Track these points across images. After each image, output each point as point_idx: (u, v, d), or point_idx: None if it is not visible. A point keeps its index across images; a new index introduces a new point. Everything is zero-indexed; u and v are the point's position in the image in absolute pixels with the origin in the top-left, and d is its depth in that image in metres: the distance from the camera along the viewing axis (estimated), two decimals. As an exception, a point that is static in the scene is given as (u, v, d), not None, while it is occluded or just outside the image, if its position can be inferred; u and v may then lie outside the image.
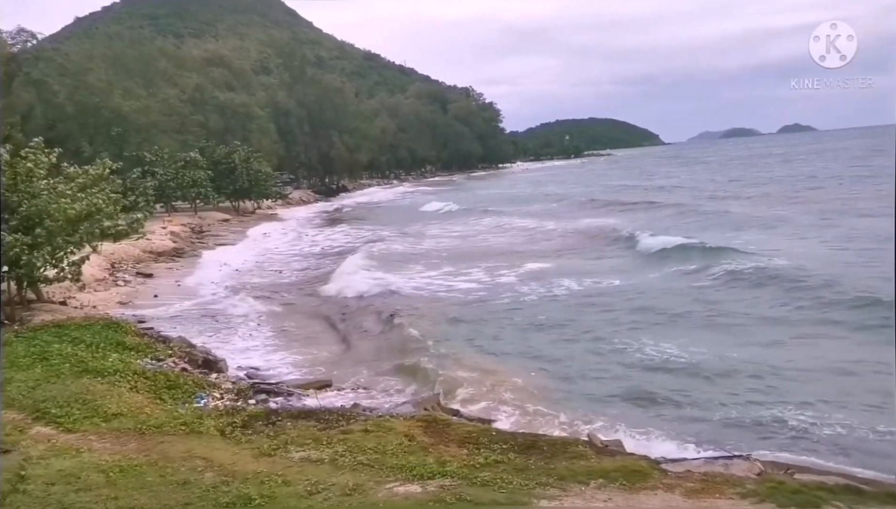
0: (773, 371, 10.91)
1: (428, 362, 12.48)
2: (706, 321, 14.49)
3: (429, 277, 21.94)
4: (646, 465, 6.42)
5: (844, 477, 6.12)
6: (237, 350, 14.57)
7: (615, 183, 70.40)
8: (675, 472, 6.26)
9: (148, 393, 9.95)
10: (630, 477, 6.11)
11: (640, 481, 6.02)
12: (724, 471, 6.35)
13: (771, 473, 6.44)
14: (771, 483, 5.85)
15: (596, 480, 6.14)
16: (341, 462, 7.16)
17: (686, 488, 5.85)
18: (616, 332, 13.78)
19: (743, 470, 6.58)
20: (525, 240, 30.92)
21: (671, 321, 14.51)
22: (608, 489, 5.97)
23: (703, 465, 6.67)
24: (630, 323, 14.54)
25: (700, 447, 8.36)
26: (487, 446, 7.29)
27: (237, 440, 8.00)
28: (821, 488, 5.62)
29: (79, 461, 7.21)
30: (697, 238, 23.88)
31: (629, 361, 11.99)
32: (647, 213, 37.52)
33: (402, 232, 36.67)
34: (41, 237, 13.83)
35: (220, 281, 22.96)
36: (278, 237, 38.67)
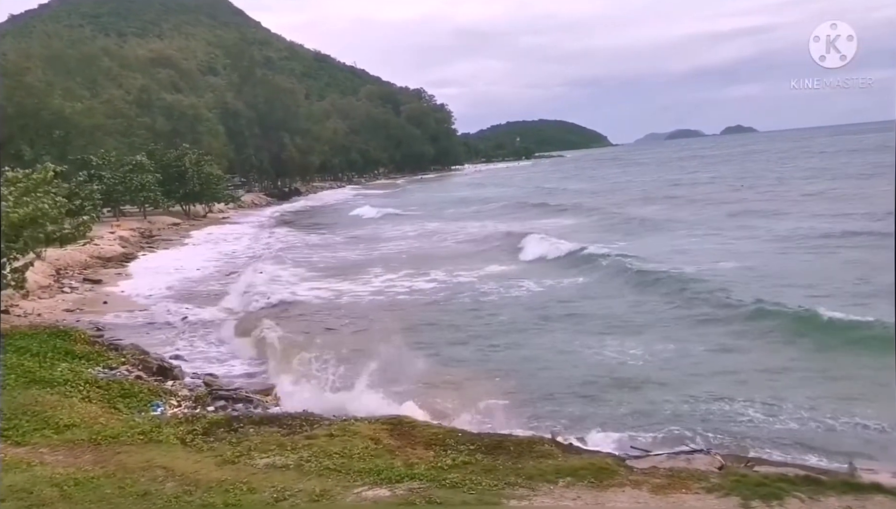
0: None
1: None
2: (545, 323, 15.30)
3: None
4: (612, 463, 6.52)
5: (802, 469, 6.35)
6: (191, 356, 14.18)
7: (551, 185, 71.74)
8: (641, 469, 6.39)
9: (101, 402, 9.61)
10: (597, 474, 6.20)
11: (607, 478, 6.12)
12: (687, 466, 6.51)
13: (732, 466, 6.63)
14: (734, 476, 6.02)
15: (564, 479, 6.21)
16: (307, 467, 7.06)
17: (653, 484, 5.97)
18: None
19: (705, 464, 6.75)
20: (429, 245, 31.67)
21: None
22: (577, 487, 6.04)
23: (667, 461, 6.82)
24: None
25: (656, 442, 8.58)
26: (454, 447, 7.30)
27: (198, 448, 7.80)
28: (782, 480, 5.80)
29: (30, 475, 6.90)
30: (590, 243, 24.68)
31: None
32: (558, 219, 38.72)
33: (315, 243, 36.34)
34: (-20, 243, 13.23)
35: (169, 286, 22.40)
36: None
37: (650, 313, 15.53)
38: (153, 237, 38.38)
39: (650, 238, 27.99)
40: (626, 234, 29.23)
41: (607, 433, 8.85)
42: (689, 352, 12.42)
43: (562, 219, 37.81)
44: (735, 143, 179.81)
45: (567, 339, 13.71)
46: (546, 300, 17.64)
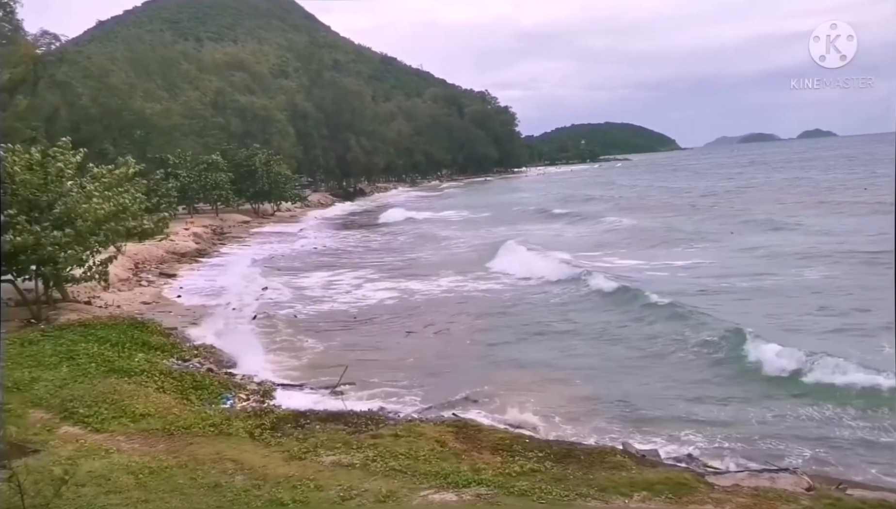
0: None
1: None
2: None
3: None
4: (690, 478, 6.19)
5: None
6: (259, 352, 14.43)
7: (582, 192, 67.87)
8: (722, 486, 6.03)
9: (175, 393, 9.88)
10: (676, 490, 5.89)
11: (686, 494, 5.80)
12: (772, 486, 6.11)
13: (822, 488, 6.19)
14: (827, 499, 5.60)
15: (639, 492, 5.93)
16: (373, 467, 7.01)
17: (737, 503, 5.62)
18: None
19: (791, 484, 6.34)
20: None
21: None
22: (654, 502, 5.75)
23: (749, 478, 6.43)
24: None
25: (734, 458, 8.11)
26: (522, 454, 7.11)
27: (266, 442, 7.88)
28: (883, 505, 5.36)
29: (108, 462, 7.12)
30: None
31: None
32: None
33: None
34: (70, 237, 13.85)
35: (239, 282, 22.96)
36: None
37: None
38: (224, 234, 39.62)
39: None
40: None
41: (680, 445, 8.47)
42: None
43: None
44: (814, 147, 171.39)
45: (640, 346, 13.26)
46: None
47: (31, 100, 31.24)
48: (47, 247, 13.42)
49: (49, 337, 12.30)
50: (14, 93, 29.49)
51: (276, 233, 41.93)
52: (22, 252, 13.46)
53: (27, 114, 29.44)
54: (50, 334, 12.53)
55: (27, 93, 31.58)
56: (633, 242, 28.87)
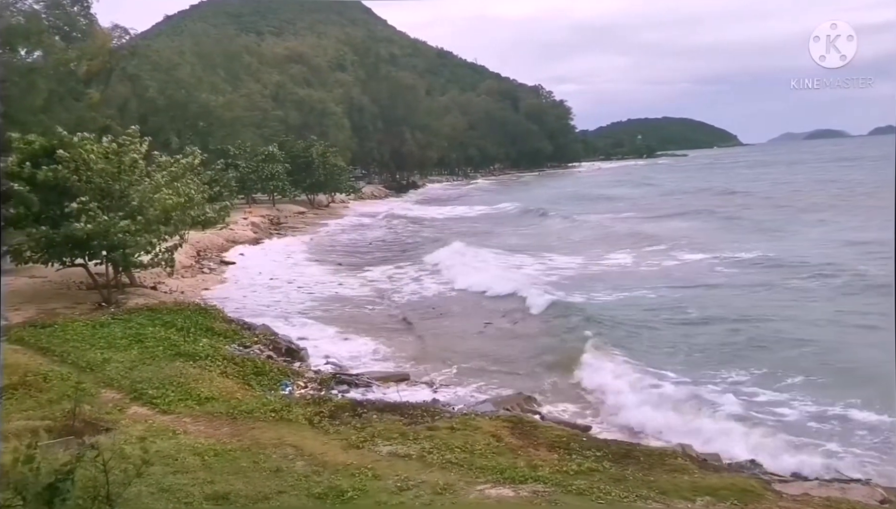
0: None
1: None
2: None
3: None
4: (756, 484, 6.02)
5: None
6: (317, 340, 14.72)
7: (604, 191, 63.10)
8: (791, 494, 5.84)
9: (237, 378, 10.17)
10: (741, 496, 5.73)
11: (753, 502, 5.64)
12: (844, 496, 5.89)
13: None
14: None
15: (702, 497, 5.79)
16: (430, 459, 7.06)
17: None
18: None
19: (863, 495, 6.10)
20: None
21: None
22: (717, 508, 5.61)
23: (819, 488, 6.20)
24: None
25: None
26: (579, 452, 7.04)
27: (325, 430, 8.03)
28: (966, 523, 5.09)
29: (175, 442, 7.38)
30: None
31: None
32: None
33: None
34: (140, 225, 14.39)
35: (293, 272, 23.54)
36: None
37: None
38: (280, 224, 40.51)
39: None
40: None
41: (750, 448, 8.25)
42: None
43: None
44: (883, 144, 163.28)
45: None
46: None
47: (105, 91, 32.53)
48: (118, 234, 13.97)
49: (119, 320, 12.82)
50: (88, 84, 30.78)
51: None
52: (94, 238, 14.07)
53: (100, 105, 30.69)
54: (119, 317, 13.05)
55: (101, 84, 32.91)
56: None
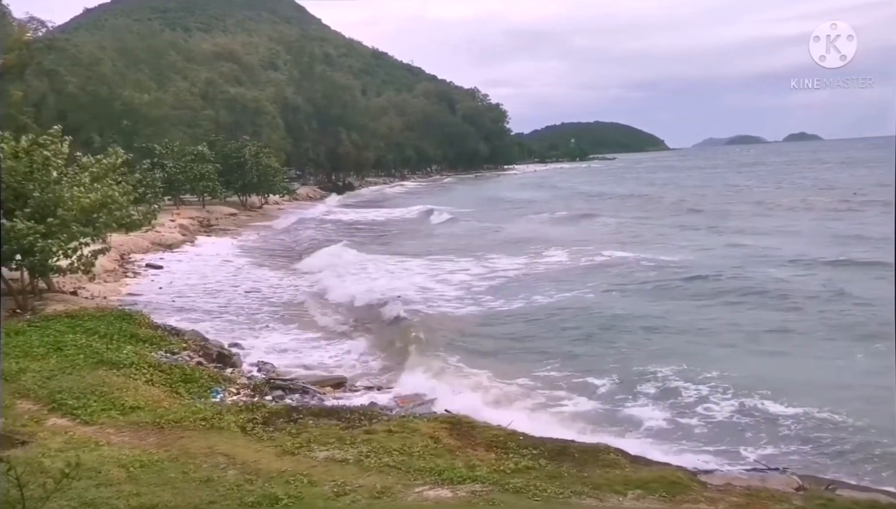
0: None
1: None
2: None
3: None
4: (684, 477, 6.23)
5: (891, 497, 5.93)
6: (249, 344, 14.38)
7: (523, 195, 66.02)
8: (715, 485, 6.07)
9: (164, 386, 9.78)
10: (670, 489, 5.91)
11: (680, 493, 5.83)
12: (764, 485, 6.17)
13: (811, 488, 6.25)
14: (818, 500, 5.66)
15: (633, 491, 5.95)
16: (367, 463, 6.98)
17: (730, 502, 5.66)
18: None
19: (781, 484, 6.40)
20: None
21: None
22: (647, 500, 5.78)
23: (741, 477, 6.48)
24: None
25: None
26: (516, 451, 7.10)
27: (259, 437, 7.83)
28: (873, 507, 5.42)
29: (98, 454, 7.04)
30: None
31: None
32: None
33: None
34: (55, 226, 13.66)
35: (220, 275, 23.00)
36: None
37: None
38: (211, 226, 39.36)
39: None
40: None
41: (672, 444, 8.56)
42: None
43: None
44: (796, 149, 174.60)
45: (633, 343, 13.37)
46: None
47: (21, 87, 30.82)
48: (27, 236, 13.23)
49: (35, 327, 12.13)
50: (1, 79, 29.09)
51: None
52: (5, 242, 13.27)
53: (20, 102, 29.07)
54: (36, 325, 12.35)
55: (13, 79, 31.15)
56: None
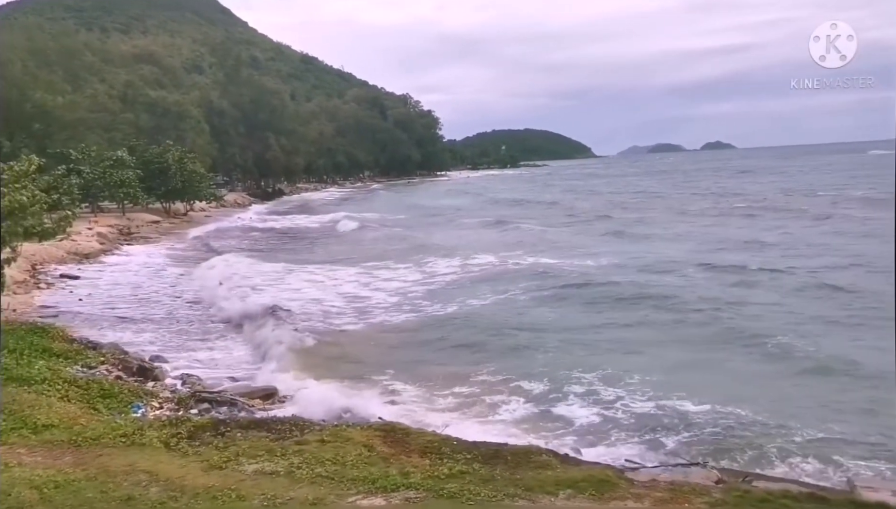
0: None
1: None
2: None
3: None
4: (612, 474, 6.39)
5: (803, 486, 6.27)
6: (173, 357, 13.84)
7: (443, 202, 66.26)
8: (641, 482, 6.26)
9: (81, 402, 9.31)
10: (598, 487, 6.06)
11: (608, 491, 5.98)
12: (686, 480, 6.40)
13: (730, 481, 6.53)
14: (736, 491, 5.91)
15: (564, 490, 6.07)
16: (298, 474, 6.84)
17: (655, 498, 5.85)
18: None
19: (702, 477, 6.65)
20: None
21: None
22: (578, 499, 5.91)
23: (665, 473, 6.71)
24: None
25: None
26: (450, 456, 7.11)
27: (183, 452, 7.54)
28: (786, 496, 5.70)
29: (8, 476, 6.61)
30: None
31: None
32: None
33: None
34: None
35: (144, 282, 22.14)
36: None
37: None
38: (132, 234, 37.75)
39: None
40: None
41: (600, 444, 8.80)
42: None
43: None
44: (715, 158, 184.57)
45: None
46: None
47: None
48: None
49: (-64, 344, 11.31)
50: None
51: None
52: None
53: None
54: (-63, 341, 11.52)
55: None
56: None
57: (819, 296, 16.89)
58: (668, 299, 16.92)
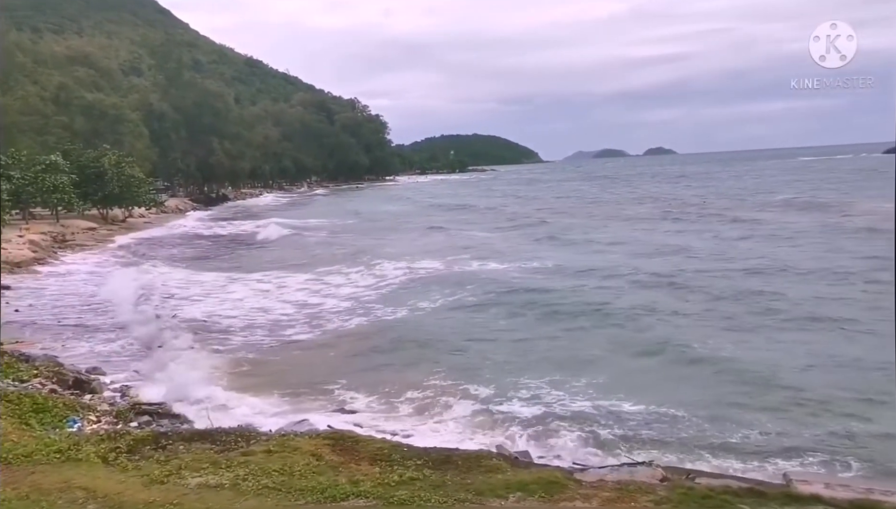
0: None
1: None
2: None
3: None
4: (561, 476, 6.46)
5: (743, 481, 6.48)
6: (111, 369, 13.34)
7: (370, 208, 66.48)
8: (589, 482, 6.35)
9: (12, 418, 8.85)
10: (548, 488, 6.12)
11: (557, 492, 6.05)
12: (632, 479, 6.52)
13: (674, 478, 6.69)
14: (680, 489, 6.06)
15: (514, 493, 6.10)
16: (244, 486, 6.66)
17: (602, 497, 5.94)
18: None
19: (647, 476, 6.78)
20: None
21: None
22: (528, 502, 5.95)
23: (612, 473, 6.82)
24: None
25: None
26: (401, 463, 7.06)
27: (123, 467, 7.26)
28: (727, 492, 5.89)
29: (-71, 500, 6.23)
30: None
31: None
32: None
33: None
34: None
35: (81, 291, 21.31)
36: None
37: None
38: (67, 242, 36.27)
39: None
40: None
41: (549, 445, 8.91)
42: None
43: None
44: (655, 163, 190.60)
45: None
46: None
47: None
48: None
49: None
50: None
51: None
52: None
53: None
54: None
55: None
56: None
57: (739, 300, 17.42)
58: (600, 304, 17.38)
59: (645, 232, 35.33)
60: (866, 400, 9.98)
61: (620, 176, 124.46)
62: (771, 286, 18.68)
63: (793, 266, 21.51)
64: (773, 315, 15.70)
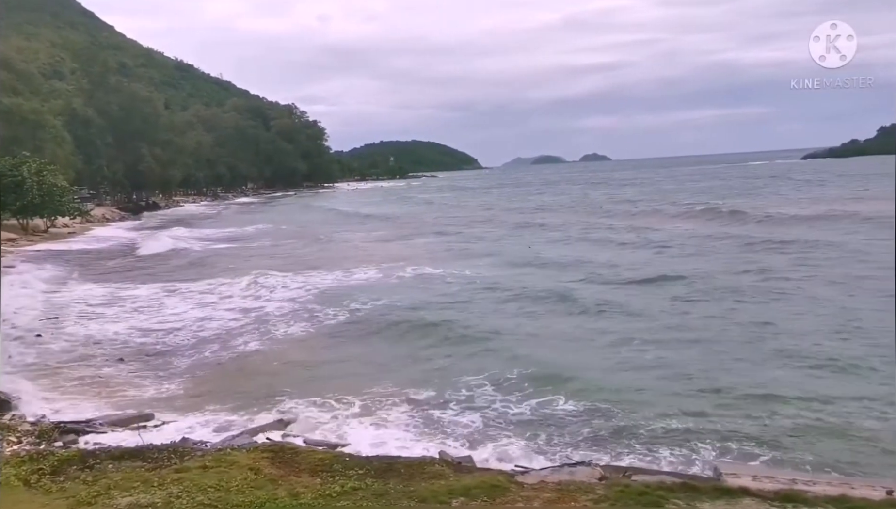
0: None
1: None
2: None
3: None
4: (503, 479, 6.53)
5: (676, 476, 6.70)
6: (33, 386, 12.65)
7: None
8: (530, 484, 6.44)
9: (-78, 443, 8.29)
10: (490, 492, 6.17)
11: (500, 495, 6.11)
12: (572, 479, 6.64)
13: (612, 477, 6.85)
14: (617, 487, 6.22)
15: (458, 498, 6.12)
16: (178, 504, 6.45)
17: (543, 498, 6.03)
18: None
19: (586, 476, 6.93)
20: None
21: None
22: (471, 506, 5.98)
23: (552, 474, 6.93)
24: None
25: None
26: (342, 473, 6.98)
27: (46, 489, 6.92)
28: (661, 487, 6.08)
29: None
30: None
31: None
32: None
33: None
34: None
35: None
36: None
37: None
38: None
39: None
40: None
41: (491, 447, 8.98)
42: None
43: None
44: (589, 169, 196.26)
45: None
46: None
47: None
48: None
49: None
50: None
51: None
52: None
53: None
54: None
55: None
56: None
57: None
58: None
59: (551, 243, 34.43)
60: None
61: (550, 181, 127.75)
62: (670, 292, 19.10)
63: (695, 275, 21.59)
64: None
